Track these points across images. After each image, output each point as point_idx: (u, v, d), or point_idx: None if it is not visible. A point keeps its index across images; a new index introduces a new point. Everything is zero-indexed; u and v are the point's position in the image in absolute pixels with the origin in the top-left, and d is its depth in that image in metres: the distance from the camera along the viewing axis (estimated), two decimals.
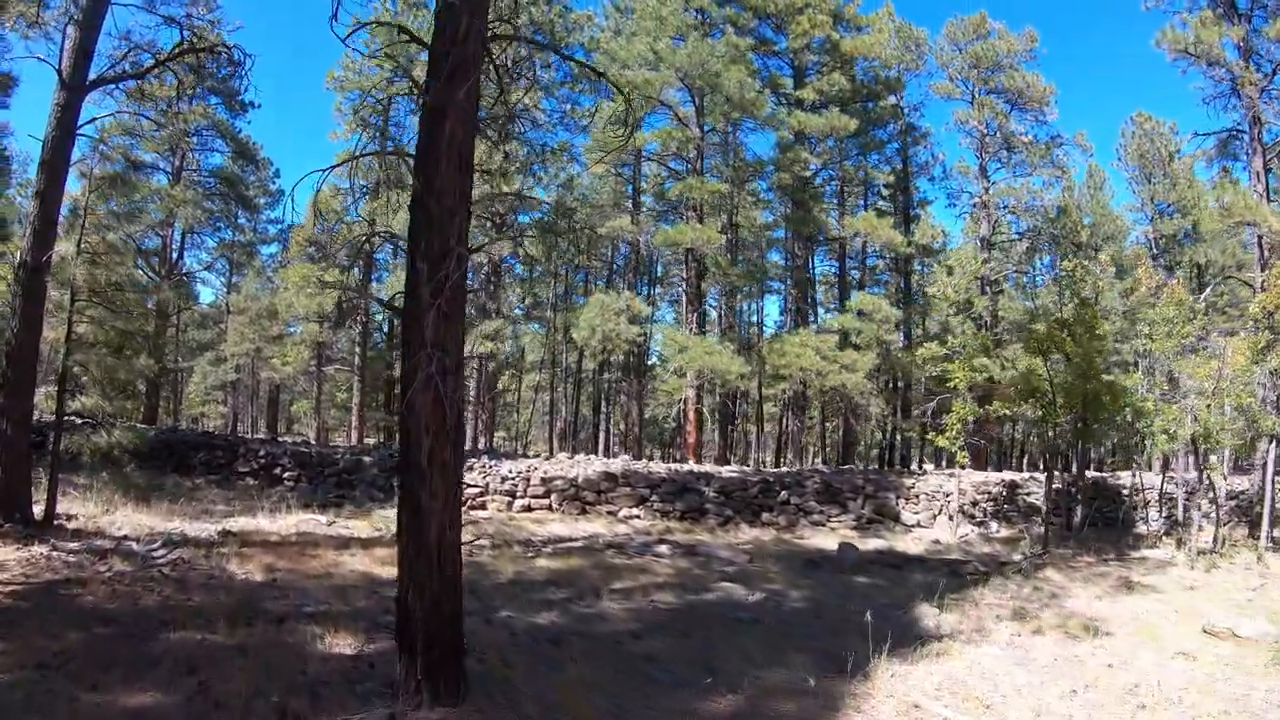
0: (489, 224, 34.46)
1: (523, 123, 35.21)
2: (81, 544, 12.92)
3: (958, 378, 25.82)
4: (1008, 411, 25.49)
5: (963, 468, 25.84)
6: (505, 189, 31.90)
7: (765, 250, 41.85)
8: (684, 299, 36.31)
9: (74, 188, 16.54)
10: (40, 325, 14.78)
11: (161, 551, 12.68)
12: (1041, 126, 41.30)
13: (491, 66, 8.14)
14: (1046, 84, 40.42)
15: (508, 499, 23.41)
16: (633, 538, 19.98)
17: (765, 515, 23.94)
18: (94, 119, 16.01)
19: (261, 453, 24.61)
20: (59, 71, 15.24)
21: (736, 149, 36.72)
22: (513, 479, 23.64)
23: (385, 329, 42.69)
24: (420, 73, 13.15)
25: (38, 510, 14.72)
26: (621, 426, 41.94)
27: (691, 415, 34.42)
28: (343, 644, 9.35)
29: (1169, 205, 47.49)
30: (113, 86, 16.68)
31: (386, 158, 16.35)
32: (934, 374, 35.17)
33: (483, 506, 23.12)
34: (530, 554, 17.18)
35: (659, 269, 43.88)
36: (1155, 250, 46.79)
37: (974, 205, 43.38)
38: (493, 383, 37.53)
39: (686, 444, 34.49)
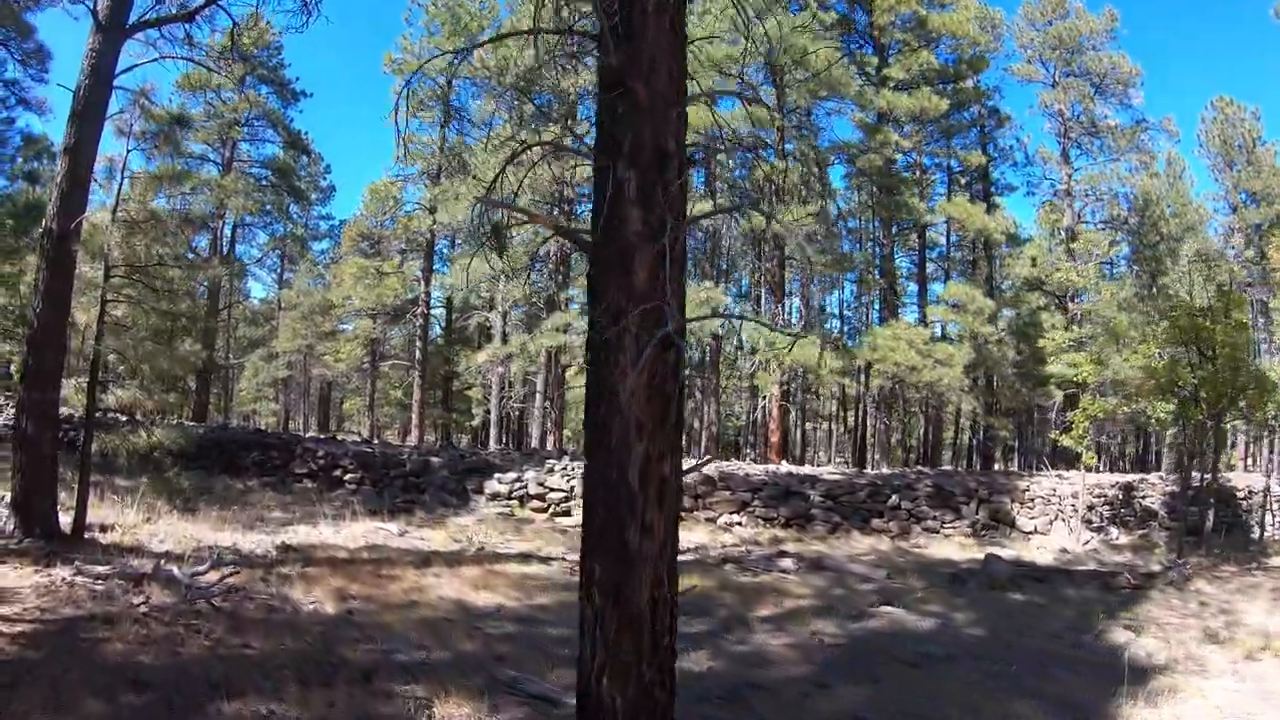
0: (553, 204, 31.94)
1: None
2: (114, 565, 10.32)
3: (1085, 371, 22.94)
4: (1139, 410, 22.61)
5: (1089, 469, 22.93)
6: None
7: (839, 238, 38.76)
8: (765, 290, 33.49)
9: (110, 148, 13.87)
10: (68, 304, 12.23)
11: (210, 576, 10.04)
12: (1126, 110, 39.38)
13: None
14: (1132, 65, 38.36)
15: None
16: (747, 550, 17.38)
17: (875, 521, 21.40)
18: (134, 66, 13.38)
19: (320, 453, 22.13)
20: (93, 11, 12.63)
21: (815, 131, 33.75)
22: None
23: (444, 321, 39.90)
24: None
25: (65, 521, 12.26)
26: (693, 425, 39.18)
27: (775, 413, 31.72)
28: (459, 714, 6.83)
29: (1252, 194, 44.50)
30: (156, 34, 14.08)
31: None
32: (1045, 371, 33.19)
33: (567, 514, 20.55)
34: None
35: (724, 260, 40.82)
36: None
37: (1055, 193, 40.80)
38: (562, 378, 34.76)
39: (769, 443, 31.74)
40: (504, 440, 35.69)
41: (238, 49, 21.51)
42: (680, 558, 13.27)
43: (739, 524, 20.73)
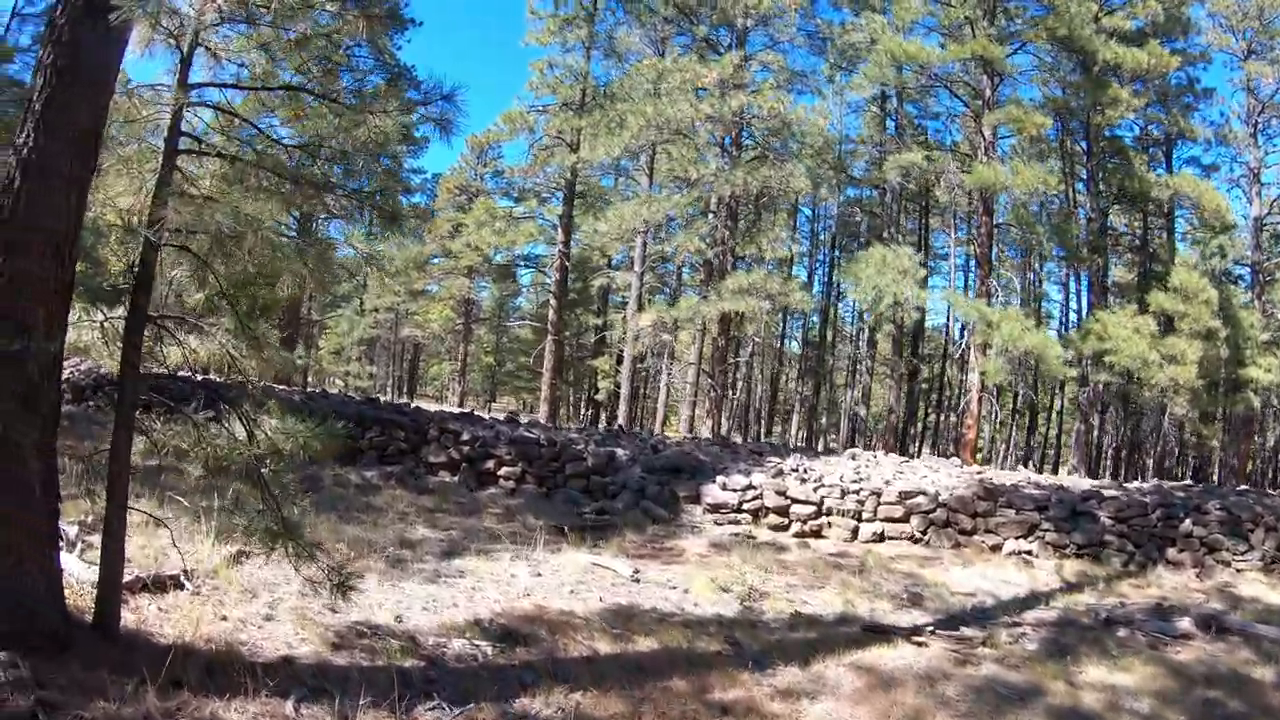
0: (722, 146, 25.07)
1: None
2: None
3: None
4: None
5: None
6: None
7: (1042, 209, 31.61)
8: (973, 262, 26.47)
9: None
10: (90, 154, 5.33)
11: None
12: None
13: None
14: None
15: (852, 522, 14.15)
16: (1096, 607, 10.96)
17: (1170, 551, 15.09)
18: None
19: (465, 436, 15.39)
20: None
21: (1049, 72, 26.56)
22: (854, 493, 14.30)
23: (580, 277, 33.17)
24: None
25: (78, 598, 5.91)
26: (861, 412, 32.51)
27: (973, 407, 24.67)
28: None
29: None
30: None
31: None
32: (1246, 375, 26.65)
33: (818, 534, 13.97)
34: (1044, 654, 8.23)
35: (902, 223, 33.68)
36: None
37: (1237, 179, 33.45)
38: (732, 349, 27.84)
39: (964, 442, 24.67)
40: (635, 419, 28.83)
41: None
42: (1033, 615, 10.03)
43: (1028, 553, 14.38)
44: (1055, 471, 28.80)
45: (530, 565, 9.73)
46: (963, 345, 25.65)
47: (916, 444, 31.91)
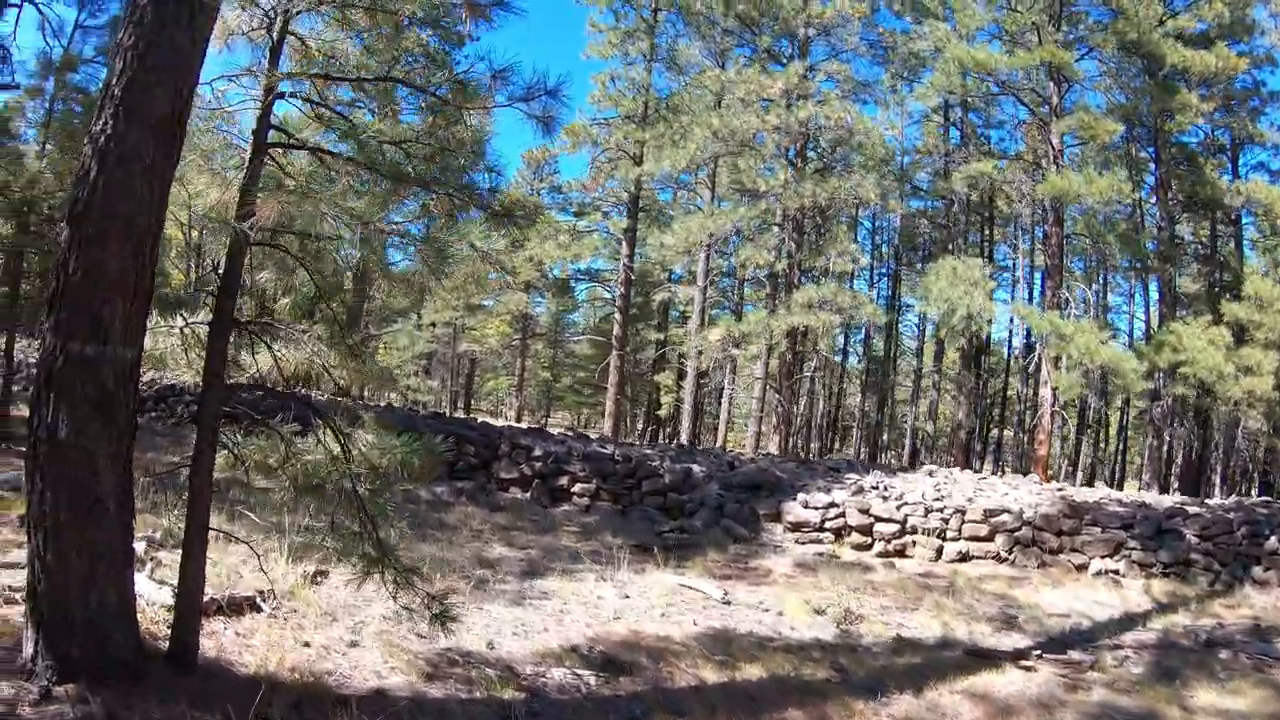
0: (787, 157, 24.49)
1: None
2: None
3: None
4: None
5: None
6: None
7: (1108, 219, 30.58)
8: (1042, 273, 25.64)
9: None
10: (172, 147, 4.87)
11: None
12: None
13: None
14: None
15: (936, 541, 13.49)
16: (1193, 628, 10.50)
17: (1255, 570, 14.29)
18: None
19: (538, 451, 14.89)
20: None
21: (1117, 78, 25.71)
22: (938, 510, 13.66)
23: (640, 291, 32.65)
24: None
25: (150, 623, 5.51)
26: (927, 428, 31.68)
27: (1045, 421, 23.78)
28: None
29: None
30: None
31: None
32: None
33: (902, 554, 13.31)
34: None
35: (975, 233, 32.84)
36: None
37: None
38: (799, 365, 27.14)
39: (1035, 458, 23.81)
40: (696, 435, 28.19)
41: None
42: (1131, 637, 9.57)
43: (1115, 572, 13.65)
44: (1120, 486, 27.74)
45: (616, 586, 9.25)
46: (1032, 359, 24.70)
47: (980, 460, 30.98)
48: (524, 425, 22.81)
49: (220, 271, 5.23)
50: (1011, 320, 29.85)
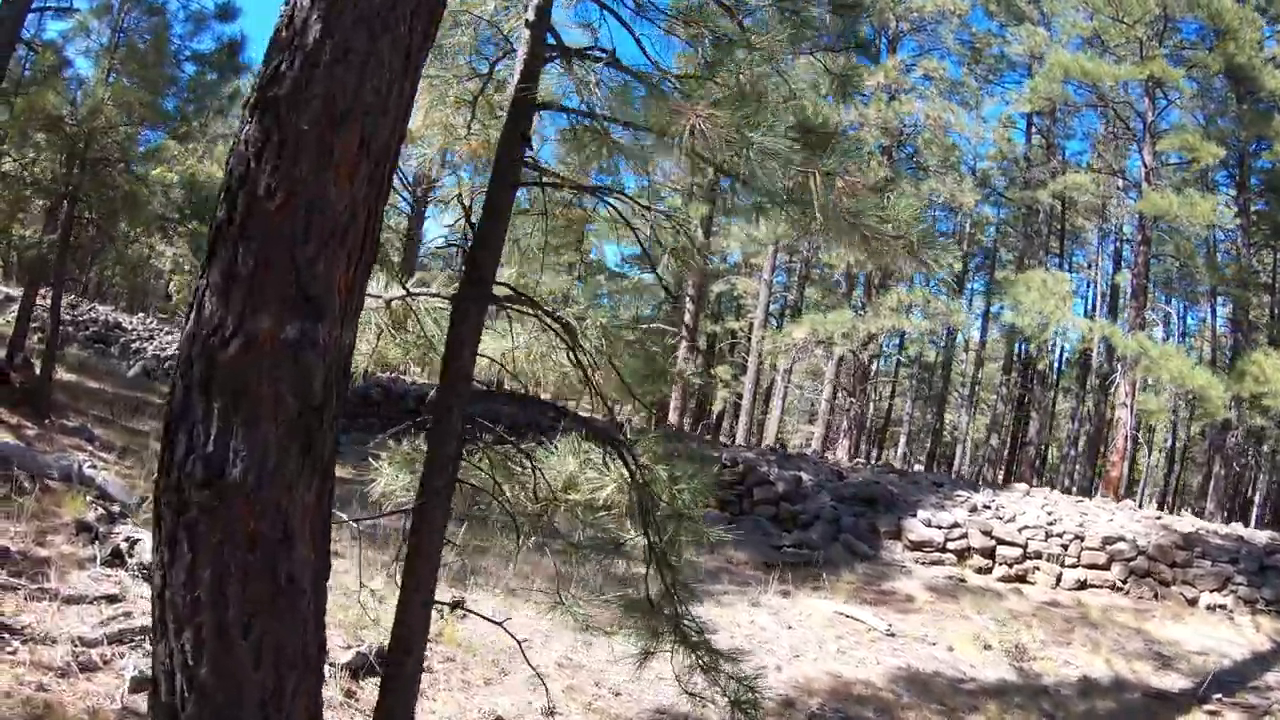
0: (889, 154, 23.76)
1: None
2: None
3: None
4: None
5: None
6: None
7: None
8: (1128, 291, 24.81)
9: None
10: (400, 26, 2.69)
11: None
12: None
13: None
14: None
15: (1055, 567, 12.86)
16: None
17: None
18: None
19: None
20: None
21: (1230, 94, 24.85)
22: (1057, 535, 13.01)
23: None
24: None
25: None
26: (999, 447, 30.85)
27: (1121, 444, 23.03)
28: None
29: None
30: None
31: None
32: None
33: (1023, 579, 12.70)
34: None
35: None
36: None
37: None
38: (867, 373, 26.32)
39: (1108, 480, 23.08)
40: (751, 433, 27.37)
41: None
42: (1273, 677, 9.37)
43: (1223, 607, 13.01)
44: (1175, 513, 27.24)
45: (771, 614, 8.62)
46: (1114, 379, 23.94)
47: (1037, 477, 30.18)
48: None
49: (473, 221, 3.72)
50: (1064, 334, 29.16)
